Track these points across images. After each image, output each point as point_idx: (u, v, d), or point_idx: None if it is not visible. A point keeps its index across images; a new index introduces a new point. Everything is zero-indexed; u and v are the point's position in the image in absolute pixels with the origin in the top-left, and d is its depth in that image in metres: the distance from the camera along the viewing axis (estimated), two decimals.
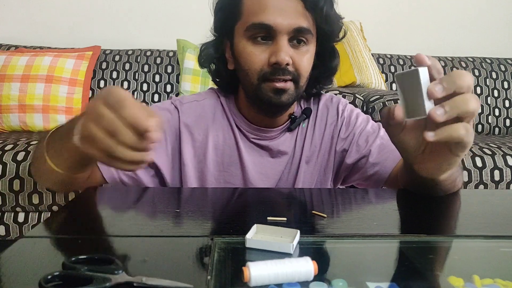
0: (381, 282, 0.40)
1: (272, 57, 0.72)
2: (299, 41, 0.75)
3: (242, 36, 0.75)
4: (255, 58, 0.74)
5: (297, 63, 0.74)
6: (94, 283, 0.37)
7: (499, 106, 2.20)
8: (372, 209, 0.65)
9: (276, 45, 0.72)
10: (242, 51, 0.75)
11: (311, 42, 0.77)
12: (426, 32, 2.44)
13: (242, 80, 0.79)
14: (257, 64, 0.74)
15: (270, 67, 0.73)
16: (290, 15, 0.72)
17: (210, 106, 0.85)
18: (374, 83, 2.05)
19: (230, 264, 0.43)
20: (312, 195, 0.78)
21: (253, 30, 0.73)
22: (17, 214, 1.43)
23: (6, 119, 1.86)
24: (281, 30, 0.72)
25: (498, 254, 0.50)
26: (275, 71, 0.73)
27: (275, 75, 0.73)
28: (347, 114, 0.89)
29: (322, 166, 0.88)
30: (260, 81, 0.74)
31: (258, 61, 0.74)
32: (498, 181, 1.49)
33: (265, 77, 0.74)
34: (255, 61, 0.74)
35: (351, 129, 0.88)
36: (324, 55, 0.82)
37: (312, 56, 0.78)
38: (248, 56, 0.74)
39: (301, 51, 0.75)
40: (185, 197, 0.72)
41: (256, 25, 0.73)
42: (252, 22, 0.73)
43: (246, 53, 0.74)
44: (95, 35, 2.25)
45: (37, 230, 0.52)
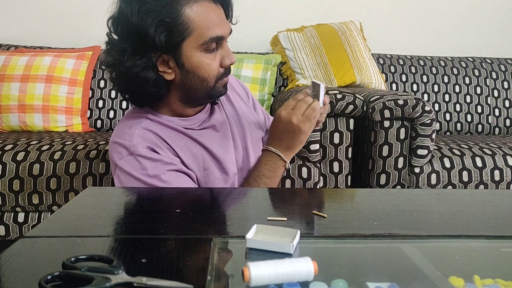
0: (381, 282, 0.40)
1: (226, 60, 0.88)
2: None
3: (195, 49, 0.85)
4: (213, 66, 0.87)
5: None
6: (94, 283, 0.37)
7: (499, 106, 2.20)
8: (372, 209, 0.65)
9: (224, 50, 0.88)
10: (200, 63, 0.86)
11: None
12: (426, 32, 2.44)
13: (191, 86, 0.88)
14: (215, 70, 0.87)
15: (222, 68, 0.89)
16: (225, 23, 0.88)
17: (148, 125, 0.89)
18: (374, 83, 2.05)
19: (230, 264, 0.43)
20: (313, 195, 0.78)
21: (210, 43, 0.85)
22: (17, 214, 1.43)
23: (6, 119, 1.86)
24: (225, 37, 0.88)
25: (499, 254, 0.50)
26: (227, 70, 0.90)
27: (227, 74, 0.90)
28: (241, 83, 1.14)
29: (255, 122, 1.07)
30: (216, 82, 0.89)
31: (215, 67, 0.87)
32: (499, 181, 1.49)
33: (220, 78, 0.89)
34: (214, 68, 0.87)
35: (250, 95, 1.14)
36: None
37: None
38: (207, 66, 0.86)
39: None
40: (185, 197, 0.72)
41: (213, 39, 0.84)
42: (209, 37, 0.84)
43: (205, 64, 0.86)
44: (95, 35, 2.23)
45: (37, 230, 0.52)
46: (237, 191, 0.82)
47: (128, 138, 0.86)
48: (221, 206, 0.68)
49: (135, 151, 0.84)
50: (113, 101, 2.04)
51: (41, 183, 1.38)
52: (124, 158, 0.85)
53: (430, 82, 2.19)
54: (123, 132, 0.88)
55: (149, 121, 0.90)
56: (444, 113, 2.16)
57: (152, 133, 0.88)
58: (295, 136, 0.88)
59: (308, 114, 0.86)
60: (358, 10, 2.34)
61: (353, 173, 1.55)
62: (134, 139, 0.86)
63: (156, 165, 0.84)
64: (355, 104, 1.44)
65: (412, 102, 1.42)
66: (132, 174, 0.84)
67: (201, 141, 0.92)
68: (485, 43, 2.46)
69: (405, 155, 1.47)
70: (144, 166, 0.84)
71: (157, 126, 0.90)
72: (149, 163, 0.84)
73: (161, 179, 0.83)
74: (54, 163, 1.38)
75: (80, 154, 1.40)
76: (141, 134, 0.87)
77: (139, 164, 0.84)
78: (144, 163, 0.84)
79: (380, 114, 1.43)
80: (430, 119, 1.44)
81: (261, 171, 0.92)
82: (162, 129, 0.90)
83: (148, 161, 0.84)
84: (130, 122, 0.90)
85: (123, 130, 0.89)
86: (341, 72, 2.02)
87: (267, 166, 0.92)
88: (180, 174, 0.87)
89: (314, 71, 2.05)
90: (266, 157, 0.92)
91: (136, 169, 0.84)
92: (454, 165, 1.49)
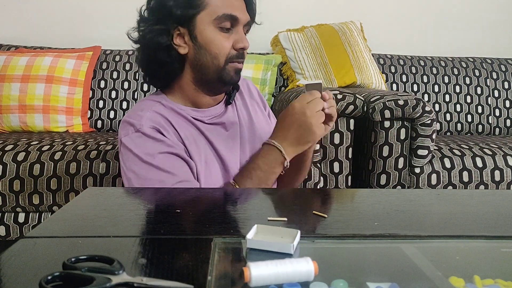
0: (382, 282, 0.40)
1: (239, 43, 0.89)
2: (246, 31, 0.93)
3: (208, 24, 0.88)
4: (224, 43, 0.88)
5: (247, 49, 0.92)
6: (95, 283, 0.37)
7: (500, 106, 2.20)
8: (372, 209, 0.65)
9: (239, 34, 0.89)
10: (212, 38, 0.88)
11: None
12: (426, 32, 2.44)
13: (203, 64, 0.89)
14: (226, 49, 0.88)
15: (235, 51, 0.89)
16: (244, 11, 0.91)
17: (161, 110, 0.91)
18: (374, 83, 2.05)
19: (230, 265, 0.43)
20: (313, 195, 0.78)
21: (223, 20, 0.87)
22: (17, 215, 1.43)
23: (7, 119, 1.86)
24: (242, 22, 0.89)
25: (499, 255, 0.50)
26: (240, 54, 0.90)
27: (239, 58, 0.90)
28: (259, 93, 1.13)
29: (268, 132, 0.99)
30: (226, 63, 0.89)
31: (227, 46, 0.88)
32: (499, 181, 1.49)
33: (230, 59, 0.89)
34: (225, 46, 0.88)
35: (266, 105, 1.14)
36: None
37: None
38: (218, 42, 0.88)
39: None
40: (185, 197, 0.72)
41: (227, 16, 0.87)
42: (223, 13, 0.87)
43: (217, 39, 0.88)
44: (95, 35, 2.25)
45: (37, 230, 0.52)
46: (237, 191, 0.82)
47: (138, 118, 0.89)
48: (221, 206, 0.68)
49: (141, 129, 0.87)
50: (114, 102, 2.04)
51: (41, 183, 1.38)
52: (129, 135, 0.87)
53: (431, 83, 2.19)
54: (134, 113, 0.91)
55: (162, 106, 0.92)
56: (444, 113, 2.16)
57: (162, 117, 0.90)
58: (304, 131, 0.84)
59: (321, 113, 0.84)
60: (358, 10, 2.34)
61: (354, 173, 1.55)
62: (143, 120, 0.88)
63: (157, 145, 0.86)
64: (355, 105, 1.44)
65: (413, 102, 1.42)
66: (133, 150, 0.85)
67: (207, 135, 0.92)
68: (485, 43, 2.46)
69: (405, 155, 1.47)
70: (145, 144, 0.86)
71: (168, 112, 0.91)
72: (151, 142, 0.86)
73: (157, 159, 0.84)
74: (54, 164, 1.38)
75: (81, 155, 1.41)
76: (150, 117, 0.89)
77: (141, 142, 0.86)
78: (145, 141, 0.86)
79: (381, 114, 1.43)
80: (431, 119, 1.44)
81: (257, 163, 0.88)
82: (172, 115, 0.91)
83: (150, 140, 0.86)
84: (143, 105, 0.94)
85: (135, 112, 0.92)
86: (342, 72, 2.02)
87: (265, 159, 0.88)
88: (178, 159, 0.87)
89: (314, 71, 2.05)
90: (266, 150, 0.88)
91: (137, 146, 0.86)
92: (455, 165, 1.49)
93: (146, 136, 0.86)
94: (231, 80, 0.91)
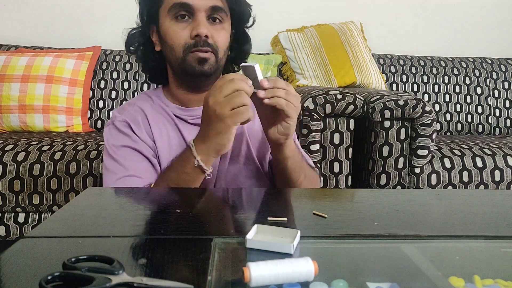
0: (382, 282, 0.40)
1: (193, 31, 0.85)
2: (215, 19, 0.87)
3: (165, 17, 0.87)
4: (179, 34, 0.85)
5: (215, 37, 0.86)
6: (95, 283, 0.37)
7: (500, 106, 2.20)
8: (372, 210, 0.65)
9: (196, 21, 0.85)
10: (167, 30, 0.87)
11: (226, 21, 0.90)
12: (426, 32, 2.44)
13: (168, 57, 0.90)
14: (181, 39, 0.85)
15: (192, 39, 0.85)
16: None
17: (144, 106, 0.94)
18: (374, 83, 2.05)
19: (230, 265, 0.43)
20: (313, 195, 0.78)
21: (175, 10, 0.85)
22: (17, 215, 1.43)
23: (6, 119, 1.86)
24: (199, 8, 0.85)
25: (499, 255, 0.50)
26: (197, 43, 0.85)
27: (197, 46, 0.85)
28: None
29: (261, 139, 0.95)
30: (185, 53, 0.85)
31: (182, 36, 0.85)
32: (499, 181, 1.49)
33: (189, 49, 0.85)
34: (179, 36, 0.85)
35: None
36: (239, 39, 0.96)
37: (227, 33, 0.91)
38: (173, 32, 0.86)
39: (217, 28, 0.88)
40: (185, 197, 0.72)
41: (177, 5, 0.85)
42: (173, 3, 0.85)
43: (171, 30, 0.86)
44: (95, 35, 2.25)
45: (37, 230, 0.52)
46: (238, 191, 0.82)
47: (121, 110, 0.94)
48: (221, 206, 0.68)
49: (114, 121, 0.91)
50: (113, 102, 2.04)
51: (41, 183, 1.38)
52: (107, 126, 0.93)
53: (431, 83, 2.19)
54: (123, 105, 0.97)
55: (150, 101, 0.95)
56: (444, 113, 2.16)
57: (142, 113, 0.92)
58: (210, 122, 0.74)
59: (230, 97, 0.71)
60: (358, 10, 2.34)
61: (353, 173, 1.55)
62: (124, 112, 0.92)
63: (123, 138, 0.89)
64: (355, 105, 1.44)
65: (413, 102, 1.42)
66: (105, 141, 0.91)
67: (185, 135, 0.91)
68: (485, 43, 2.46)
69: (405, 155, 1.47)
70: (113, 136, 0.90)
71: (151, 108, 0.94)
72: (118, 134, 0.90)
73: (119, 152, 0.88)
74: (54, 164, 1.38)
75: (81, 155, 1.41)
76: (130, 111, 0.93)
77: (113, 133, 0.91)
78: (114, 133, 0.90)
79: (381, 114, 1.43)
80: (431, 119, 1.44)
81: (171, 163, 0.83)
82: (155, 112, 0.93)
83: (118, 132, 0.90)
84: (136, 98, 0.98)
85: (125, 104, 0.97)
86: (342, 72, 2.02)
87: (179, 158, 0.81)
88: (138, 154, 0.88)
89: (314, 71, 2.05)
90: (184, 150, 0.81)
91: (108, 137, 0.91)
92: (455, 165, 1.49)
93: (117, 129, 0.90)
94: (194, 71, 0.86)
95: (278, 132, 0.79)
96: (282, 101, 0.74)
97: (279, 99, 0.73)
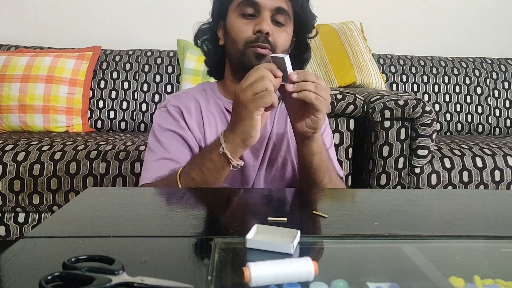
0: (382, 282, 0.40)
1: (256, 26, 0.88)
2: (278, 23, 0.90)
3: (233, 13, 0.91)
4: (242, 28, 0.89)
5: (276, 36, 0.89)
6: (95, 283, 0.37)
7: (500, 106, 2.20)
8: (372, 209, 0.65)
9: (260, 18, 0.88)
10: (232, 25, 0.91)
11: (288, 25, 0.92)
12: (426, 32, 2.44)
13: (229, 51, 0.93)
14: (244, 33, 0.89)
15: (254, 35, 0.88)
16: None
17: (198, 96, 0.97)
18: (374, 83, 2.05)
19: (230, 264, 0.43)
20: (313, 195, 0.78)
21: (243, 6, 0.89)
22: (17, 215, 1.43)
23: (6, 119, 1.86)
24: (265, 7, 0.88)
25: (499, 255, 0.50)
26: (258, 38, 0.88)
27: (257, 41, 0.87)
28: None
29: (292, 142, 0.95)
30: (246, 47, 0.88)
31: (245, 30, 0.89)
32: (499, 181, 1.49)
33: (249, 43, 0.88)
34: (242, 31, 0.89)
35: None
36: (300, 47, 0.99)
37: (288, 37, 0.93)
38: (237, 27, 0.90)
39: (280, 29, 0.91)
40: (185, 197, 0.72)
41: (245, 1, 0.88)
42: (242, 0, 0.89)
43: (236, 25, 0.90)
44: (95, 35, 2.25)
45: (37, 230, 0.52)
46: (238, 191, 0.82)
47: (176, 97, 0.97)
48: (221, 206, 0.68)
49: (167, 105, 0.95)
50: (114, 102, 2.04)
51: (41, 183, 1.38)
52: (159, 108, 0.97)
53: (431, 83, 2.19)
54: (178, 92, 1.02)
55: (204, 93, 0.98)
56: (444, 113, 2.16)
57: (196, 103, 0.95)
58: (234, 109, 0.76)
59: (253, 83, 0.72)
60: (358, 10, 2.34)
61: (354, 173, 1.55)
62: (177, 99, 0.96)
63: (170, 122, 0.92)
64: (355, 104, 1.44)
65: (413, 102, 1.42)
66: (154, 121, 0.95)
67: None
68: (485, 43, 2.46)
69: (405, 155, 1.47)
70: (163, 118, 0.94)
71: (205, 100, 0.97)
72: (168, 117, 0.93)
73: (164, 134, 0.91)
74: (54, 164, 1.38)
75: (81, 155, 1.41)
76: (185, 99, 0.96)
77: (160, 115, 0.95)
78: (164, 116, 0.94)
79: (381, 114, 1.43)
80: (431, 119, 1.44)
81: (201, 149, 0.89)
82: (208, 104, 0.96)
83: (168, 116, 0.93)
84: (194, 87, 1.02)
85: (181, 91, 1.02)
86: (342, 72, 2.02)
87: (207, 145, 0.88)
88: (182, 141, 0.91)
89: (314, 71, 2.05)
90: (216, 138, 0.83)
91: (157, 118, 0.95)
92: (455, 165, 1.49)
93: (168, 112, 0.94)
94: (251, 65, 0.85)
95: (306, 125, 0.79)
96: (311, 95, 0.74)
97: (308, 93, 0.74)
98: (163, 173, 0.86)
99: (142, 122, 2.03)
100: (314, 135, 0.80)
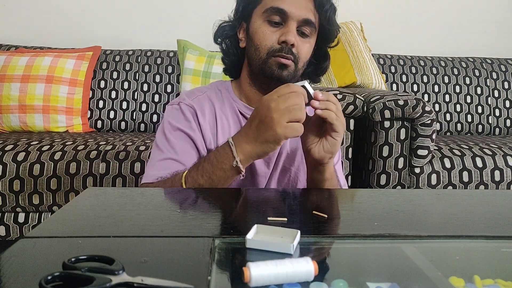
0: (382, 282, 0.40)
1: (282, 36, 0.86)
2: (303, 34, 0.88)
3: (259, 17, 0.89)
4: (267, 36, 0.87)
5: (299, 47, 0.88)
6: (95, 284, 0.37)
7: (500, 106, 2.20)
8: (372, 210, 0.65)
9: (286, 28, 0.86)
10: (257, 29, 0.88)
11: (312, 37, 0.91)
12: (426, 32, 2.44)
13: (250, 56, 0.90)
14: (268, 41, 0.87)
15: (278, 45, 0.86)
16: (301, 8, 0.87)
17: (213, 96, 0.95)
18: (374, 84, 2.05)
19: (230, 265, 0.43)
20: (313, 195, 0.78)
21: (270, 13, 0.87)
22: (17, 215, 1.43)
23: (6, 119, 1.86)
24: (292, 17, 0.86)
25: (499, 255, 0.50)
26: (282, 48, 0.86)
27: (281, 51, 0.86)
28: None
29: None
30: (268, 56, 0.87)
31: (269, 38, 0.87)
32: (499, 181, 1.49)
33: (273, 53, 0.86)
34: (267, 38, 0.87)
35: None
36: (319, 56, 0.97)
37: (311, 48, 0.91)
38: (262, 33, 0.87)
39: (304, 40, 0.89)
40: (185, 197, 0.72)
41: (274, 9, 0.86)
42: (271, 6, 0.86)
43: (261, 31, 0.88)
44: (95, 35, 2.25)
45: (37, 230, 0.52)
46: (238, 191, 0.82)
47: (190, 95, 0.94)
48: (221, 206, 0.68)
49: (180, 102, 0.92)
50: (113, 102, 2.04)
51: (41, 183, 1.38)
52: (171, 105, 0.94)
53: (431, 83, 2.19)
54: (193, 90, 0.98)
55: (219, 94, 0.96)
56: (444, 114, 2.16)
57: (210, 103, 0.93)
58: (261, 126, 0.72)
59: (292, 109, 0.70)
60: (358, 10, 2.34)
61: (353, 173, 1.55)
62: (191, 97, 0.93)
63: (182, 121, 0.90)
64: (355, 105, 1.44)
65: (413, 102, 1.42)
66: (165, 118, 0.92)
67: None
68: (485, 43, 2.46)
69: (405, 155, 1.47)
70: (174, 116, 0.91)
71: (219, 101, 0.94)
72: (180, 116, 0.91)
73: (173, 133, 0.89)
74: (54, 164, 1.38)
75: (81, 155, 1.41)
76: (199, 98, 0.93)
77: (175, 113, 0.92)
78: (175, 114, 0.91)
79: (381, 114, 1.43)
80: (431, 119, 1.44)
81: (208, 155, 0.81)
82: (223, 105, 0.94)
83: (180, 114, 0.91)
84: (208, 86, 0.99)
85: (195, 89, 0.98)
86: (342, 72, 2.02)
87: (217, 152, 0.79)
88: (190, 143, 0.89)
89: None
90: (223, 145, 0.79)
91: (168, 115, 0.92)
92: (455, 166, 1.49)
93: (180, 111, 0.91)
94: (272, 74, 0.86)
95: (324, 149, 0.78)
96: (333, 115, 0.75)
97: (331, 113, 0.75)
98: (167, 173, 0.85)
99: (142, 122, 2.03)
100: (330, 160, 0.80)
